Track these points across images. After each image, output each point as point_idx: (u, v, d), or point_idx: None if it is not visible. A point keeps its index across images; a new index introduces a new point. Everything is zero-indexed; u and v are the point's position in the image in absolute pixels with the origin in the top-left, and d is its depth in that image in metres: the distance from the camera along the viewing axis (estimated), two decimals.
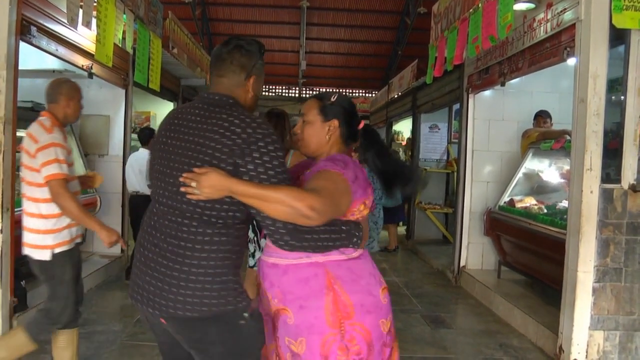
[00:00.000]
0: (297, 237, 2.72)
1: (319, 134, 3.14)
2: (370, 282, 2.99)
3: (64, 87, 4.79)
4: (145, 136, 9.17)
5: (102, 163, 9.79)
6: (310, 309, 2.89)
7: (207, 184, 2.59)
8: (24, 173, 4.51)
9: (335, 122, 3.12)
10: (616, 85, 5.64)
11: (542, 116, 8.67)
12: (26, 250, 4.55)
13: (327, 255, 2.91)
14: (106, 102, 9.83)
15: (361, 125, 3.21)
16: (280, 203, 2.58)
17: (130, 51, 9.27)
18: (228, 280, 2.76)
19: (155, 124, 14.20)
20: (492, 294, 8.10)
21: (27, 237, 4.53)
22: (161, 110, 14.31)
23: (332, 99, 3.17)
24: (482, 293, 8.46)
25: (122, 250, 9.79)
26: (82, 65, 8.01)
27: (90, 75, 8.28)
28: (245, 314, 2.79)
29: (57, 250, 4.52)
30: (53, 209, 4.45)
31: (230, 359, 2.84)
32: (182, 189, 2.67)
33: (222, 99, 2.84)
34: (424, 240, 13.20)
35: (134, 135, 10.95)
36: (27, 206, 4.53)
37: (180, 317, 2.72)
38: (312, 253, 2.88)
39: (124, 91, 9.80)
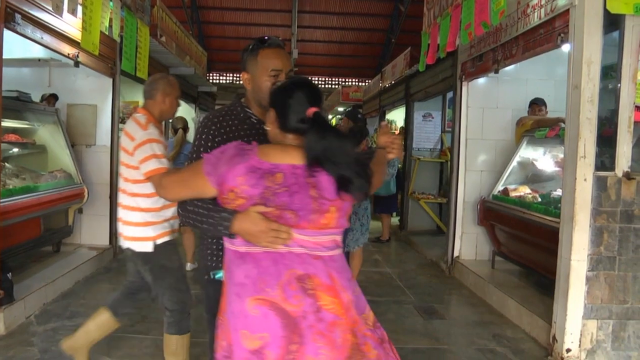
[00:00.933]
0: (180, 208, 2.96)
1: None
2: (245, 284, 2.72)
3: (160, 83, 4.90)
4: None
5: (89, 153, 9.79)
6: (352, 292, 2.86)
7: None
8: (122, 170, 4.68)
9: (272, 112, 2.88)
10: (610, 72, 5.66)
11: (537, 104, 8.68)
12: (126, 244, 4.72)
13: (225, 241, 2.87)
14: (93, 92, 9.81)
15: (311, 112, 2.75)
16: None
17: (118, 39, 9.29)
18: None
19: None
20: (485, 284, 8.14)
21: (127, 231, 4.68)
22: None
23: (272, 87, 3.01)
24: (476, 283, 8.50)
25: (111, 242, 9.80)
26: (68, 54, 8.00)
27: (77, 63, 8.27)
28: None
29: (159, 242, 4.69)
30: (152, 203, 4.63)
31: None
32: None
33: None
34: (417, 230, 13.21)
35: (122, 126, 10.96)
36: (126, 200, 4.68)
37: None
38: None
39: (111, 80, 9.77)
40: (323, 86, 29.68)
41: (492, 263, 8.88)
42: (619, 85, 5.63)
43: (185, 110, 16.33)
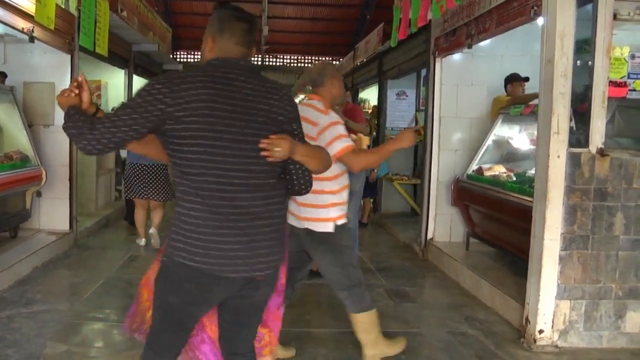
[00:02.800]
0: (312, 184, 3.44)
1: None
2: None
3: (328, 69, 5.24)
4: None
5: (47, 134, 9.68)
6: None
7: (286, 147, 3.12)
8: None
9: None
10: (584, 46, 5.70)
11: (517, 80, 8.67)
12: (305, 224, 4.98)
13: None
14: (50, 69, 9.67)
15: None
16: (322, 159, 3.44)
17: (75, 13, 9.22)
18: None
19: (107, 93, 14.12)
20: (459, 266, 8.22)
21: (309, 212, 4.96)
22: (113, 78, 14.22)
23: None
24: (449, 266, 8.57)
25: (71, 227, 9.77)
26: (23, 28, 7.90)
27: (32, 39, 8.15)
28: None
29: (339, 223, 4.99)
30: (334, 185, 4.96)
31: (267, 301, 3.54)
32: (263, 154, 3.09)
33: (256, 67, 3.31)
34: (391, 213, 13.28)
35: None
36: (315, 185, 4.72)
37: (274, 269, 3.27)
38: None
39: (69, 56, 9.64)
40: (295, 65, 29.65)
41: (466, 245, 8.96)
42: (593, 59, 5.68)
43: None
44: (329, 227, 4.96)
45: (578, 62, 5.70)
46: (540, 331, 5.83)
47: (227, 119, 3.02)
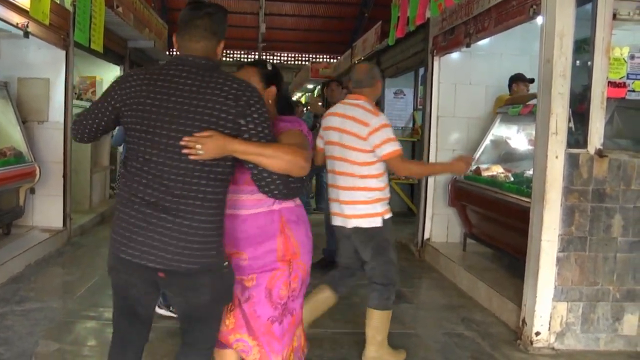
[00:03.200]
0: (288, 187, 3.29)
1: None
2: (308, 228, 3.77)
3: (375, 70, 5.54)
4: None
5: (41, 130, 9.66)
6: (264, 251, 3.57)
7: (212, 145, 3.05)
8: (346, 153, 5.18)
9: (274, 89, 3.70)
10: (583, 46, 5.71)
11: (522, 80, 8.63)
12: (353, 222, 5.21)
13: (282, 203, 3.59)
14: (45, 64, 9.66)
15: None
16: (280, 158, 3.16)
17: (70, 9, 9.20)
18: (223, 232, 3.31)
19: (102, 89, 14.04)
20: (456, 267, 8.21)
21: (355, 209, 5.18)
22: (108, 75, 14.17)
23: (271, 67, 3.77)
24: (446, 266, 8.57)
25: (65, 224, 9.76)
26: (17, 24, 7.89)
27: (27, 34, 8.15)
28: (226, 263, 3.33)
29: (386, 217, 5.25)
30: (379, 182, 5.20)
31: (214, 304, 3.38)
32: (185, 151, 3.07)
33: (210, 63, 3.25)
34: None
35: (77, 102, 10.89)
36: (354, 182, 5.18)
37: (181, 270, 3.15)
38: (271, 201, 3.55)
39: (64, 52, 9.64)
40: (292, 62, 29.63)
41: (463, 245, 8.95)
42: (592, 59, 5.67)
43: None
44: (377, 222, 5.19)
45: (577, 62, 5.70)
46: (537, 333, 5.83)
47: (155, 114, 3.13)
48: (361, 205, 5.16)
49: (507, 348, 5.93)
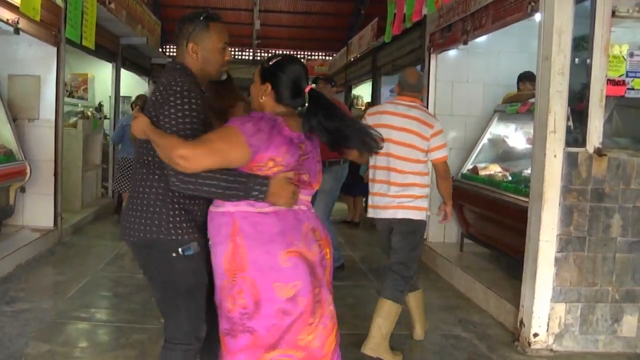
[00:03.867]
0: (181, 180, 3.28)
1: (257, 94, 3.65)
2: (274, 241, 3.37)
3: (423, 77, 6.24)
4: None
5: (31, 128, 9.64)
6: (215, 255, 3.45)
7: (137, 126, 3.42)
8: (407, 151, 5.57)
9: (268, 86, 3.58)
10: (582, 43, 5.70)
11: (531, 79, 8.53)
12: (404, 213, 5.59)
13: (236, 205, 3.39)
14: (36, 61, 9.64)
15: (308, 89, 3.57)
16: (162, 149, 3.28)
17: (62, 5, 9.18)
18: (162, 213, 3.46)
19: (94, 86, 14.11)
20: (453, 267, 8.22)
21: (409, 202, 5.59)
22: (100, 72, 14.23)
23: (270, 63, 3.65)
24: (443, 267, 8.57)
25: (55, 223, 9.74)
26: (8, 20, 7.87)
27: (17, 30, 8.13)
28: (180, 249, 3.46)
29: (428, 213, 5.74)
30: (428, 180, 5.73)
31: (160, 285, 3.61)
32: None
33: (170, 64, 3.67)
34: None
35: (69, 99, 10.87)
36: (410, 178, 5.59)
37: (128, 242, 3.62)
38: (222, 202, 3.42)
39: (55, 49, 9.62)
40: None
41: (460, 245, 8.97)
42: (590, 57, 5.67)
43: (138, 83, 16.22)
44: (423, 216, 5.67)
45: (576, 59, 5.69)
46: (535, 334, 5.82)
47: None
48: (414, 199, 5.58)
49: (505, 350, 5.93)
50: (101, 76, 14.32)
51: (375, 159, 5.63)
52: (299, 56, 29.42)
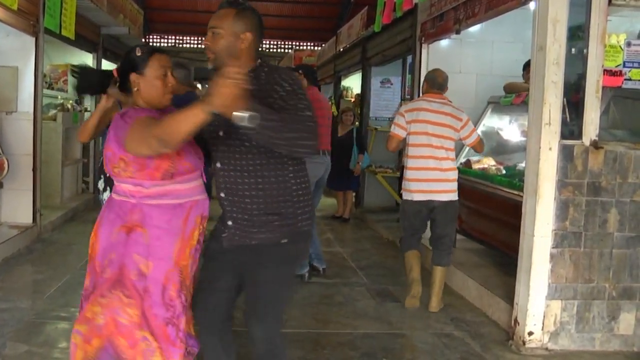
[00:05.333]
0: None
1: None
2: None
3: (448, 77, 7.16)
4: None
5: (9, 121, 9.57)
6: (166, 241, 3.55)
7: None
8: (441, 142, 6.76)
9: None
10: (578, 33, 5.68)
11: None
12: (447, 196, 6.84)
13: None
14: (13, 52, 9.56)
15: None
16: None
17: None
18: (308, 201, 3.70)
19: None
20: None
21: (450, 186, 6.84)
22: (80, 63, 14.09)
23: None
24: None
25: (34, 220, 9.71)
26: None
27: None
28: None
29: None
30: (455, 164, 7.05)
31: (291, 282, 3.86)
32: None
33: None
34: (374, 207, 13.28)
35: (48, 91, 10.82)
36: (446, 164, 6.79)
37: (278, 241, 3.53)
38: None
39: (33, 39, 9.53)
40: (274, 50, 29.58)
41: (453, 242, 8.82)
42: (587, 47, 5.65)
43: None
44: (456, 196, 6.92)
45: (571, 49, 5.67)
46: (530, 333, 5.82)
47: None
48: (452, 183, 6.83)
49: (499, 349, 5.93)
50: None
51: (414, 150, 6.81)
52: (286, 46, 29.50)
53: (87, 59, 13.61)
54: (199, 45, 27.26)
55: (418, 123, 6.80)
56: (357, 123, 13.47)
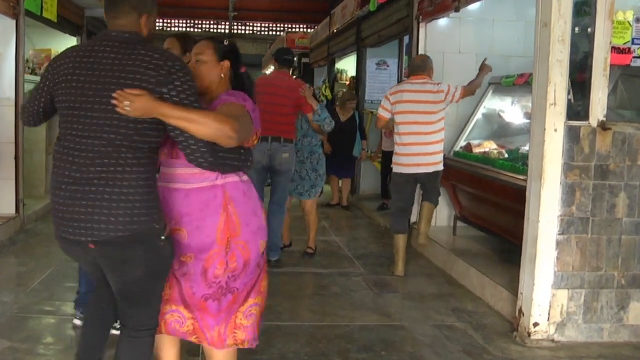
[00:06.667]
0: (215, 156, 3.46)
1: (211, 72, 3.87)
2: (257, 205, 3.91)
3: (428, 59, 7.97)
4: None
5: None
6: (205, 229, 3.69)
7: (141, 104, 3.26)
8: (426, 118, 7.59)
9: (227, 63, 3.90)
10: (584, 8, 5.59)
11: None
12: (435, 167, 7.68)
13: (226, 178, 3.70)
14: None
15: (243, 70, 4.04)
16: (207, 125, 3.32)
17: None
18: (153, 200, 3.51)
19: None
20: (445, 253, 8.16)
21: (433, 159, 7.64)
22: (64, 47, 13.86)
23: (226, 42, 4.05)
24: (435, 252, 8.49)
25: (17, 211, 9.63)
26: None
27: None
28: (163, 236, 3.52)
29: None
30: (443, 135, 7.82)
31: (148, 278, 3.61)
32: (114, 102, 3.28)
33: (133, 37, 3.52)
34: (370, 195, 13.21)
35: (31, 77, 10.71)
36: (430, 138, 7.60)
37: (111, 239, 3.39)
38: (215, 176, 3.67)
39: (14, 22, 9.44)
40: (266, 33, 29.46)
41: (453, 229, 8.91)
42: (593, 23, 5.55)
43: None
44: (442, 167, 7.76)
45: (577, 26, 5.57)
46: (535, 324, 5.74)
47: (80, 89, 3.41)
48: (437, 155, 7.63)
49: (503, 341, 5.86)
50: None
51: (402, 128, 7.63)
52: (278, 29, 29.40)
53: (71, 43, 13.51)
54: (187, 29, 27.13)
55: (403, 103, 7.63)
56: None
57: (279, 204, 8.03)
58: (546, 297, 5.72)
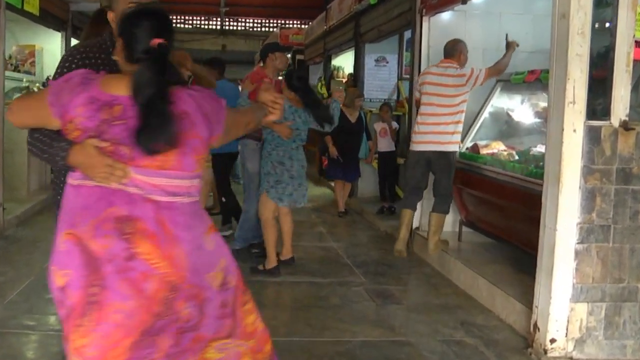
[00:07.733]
0: (28, 140, 3.22)
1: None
2: (63, 219, 3.13)
3: (459, 42, 8.16)
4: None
5: None
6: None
7: None
8: (444, 100, 7.94)
9: (119, 41, 3.23)
10: None
11: None
12: (449, 147, 7.97)
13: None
14: None
15: (154, 42, 3.08)
16: None
17: None
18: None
19: (42, 59, 14.08)
20: (451, 260, 7.99)
21: (442, 138, 7.92)
22: (49, 43, 14.09)
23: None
24: (440, 260, 8.34)
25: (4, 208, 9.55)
26: None
27: None
28: None
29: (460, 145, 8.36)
30: (462, 117, 8.08)
31: None
32: None
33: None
34: (370, 198, 13.10)
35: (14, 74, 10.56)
36: (443, 119, 7.94)
37: None
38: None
39: None
40: (259, 29, 29.45)
41: (459, 235, 8.74)
42: (615, 15, 5.37)
43: None
44: (457, 147, 8.11)
45: (598, 18, 5.40)
46: (552, 340, 5.55)
47: None
48: (447, 135, 7.92)
49: (517, 358, 5.69)
50: (50, 47, 14.18)
51: (422, 108, 8.15)
52: (271, 24, 29.35)
53: (56, 38, 13.47)
54: (177, 25, 27.07)
55: (426, 85, 8.15)
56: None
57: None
58: (564, 310, 5.54)
